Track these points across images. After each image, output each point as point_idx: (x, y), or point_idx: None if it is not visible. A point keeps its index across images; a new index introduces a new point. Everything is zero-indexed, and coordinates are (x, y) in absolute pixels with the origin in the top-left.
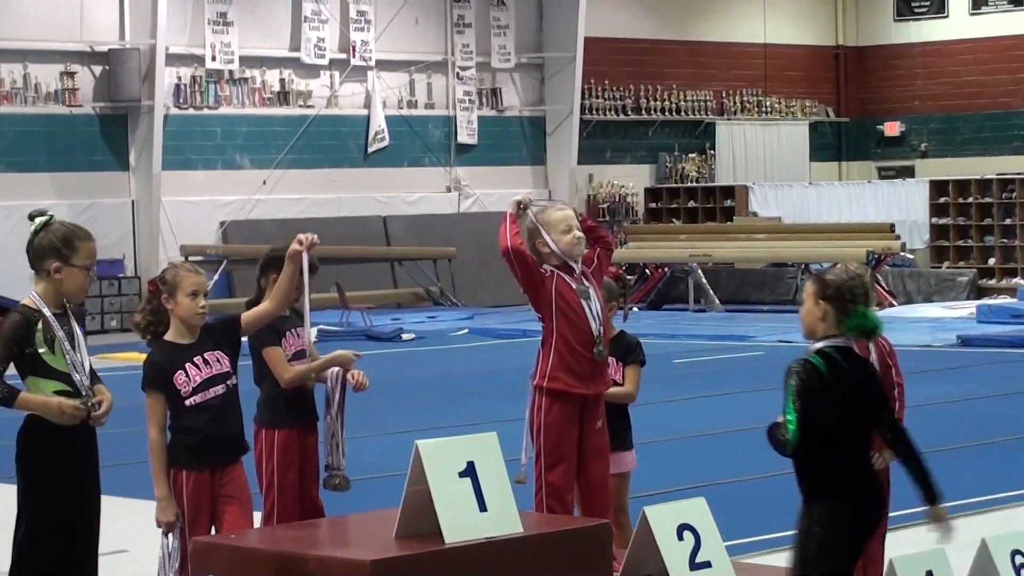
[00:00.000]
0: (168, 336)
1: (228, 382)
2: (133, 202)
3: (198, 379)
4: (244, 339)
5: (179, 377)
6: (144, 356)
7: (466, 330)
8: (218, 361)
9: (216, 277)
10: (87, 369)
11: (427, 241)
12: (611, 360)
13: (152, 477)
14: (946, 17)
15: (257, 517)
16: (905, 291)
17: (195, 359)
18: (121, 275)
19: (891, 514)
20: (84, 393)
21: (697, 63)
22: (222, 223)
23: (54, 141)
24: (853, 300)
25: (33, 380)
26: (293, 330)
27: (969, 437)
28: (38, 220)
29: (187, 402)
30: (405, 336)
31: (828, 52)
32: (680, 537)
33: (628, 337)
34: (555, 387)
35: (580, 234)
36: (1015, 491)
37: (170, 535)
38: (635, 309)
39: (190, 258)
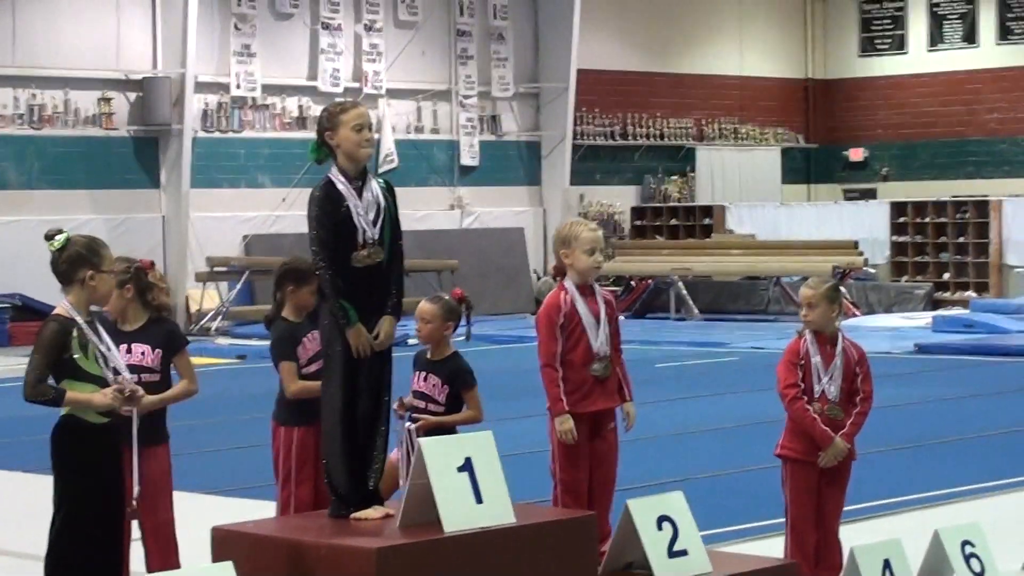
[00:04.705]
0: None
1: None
2: (163, 217)
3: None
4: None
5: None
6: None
7: (466, 336)
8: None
9: (239, 286)
10: (123, 367)
11: (431, 254)
12: (436, 381)
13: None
14: (906, 53)
15: (273, 508)
16: (867, 302)
17: (308, 335)
18: None
19: (848, 508)
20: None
21: (679, 93)
22: (245, 237)
23: (91, 161)
24: None
25: (69, 384)
26: (310, 335)
27: (925, 436)
28: (59, 238)
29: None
30: (411, 341)
31: (798, 84)
32: (660, 528)
33: (457, 361)
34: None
35: (601, 259)
36: (965, 486)
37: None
38: (622, 318)
39: (215, 268)
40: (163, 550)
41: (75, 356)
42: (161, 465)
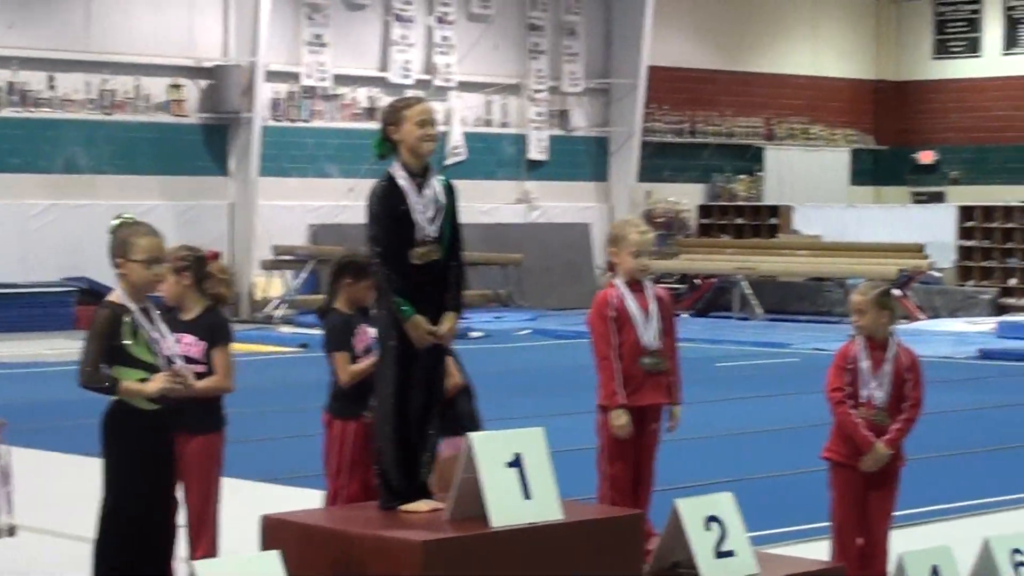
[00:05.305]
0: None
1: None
2: (231, 205)
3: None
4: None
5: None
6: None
7: (529, 330)
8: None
9: (305, 275)
10: (176, 355)
11: (497, 247)
12: None
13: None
14: (980, 56)
15: (321, 498)
16: (932, 306)
17: (360, 327)
18: None
19: (897, 513)
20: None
21: (749, 92)
22: (311, 226)
23: (161, 147)
24: None
25: (118, 370)
26: (361, 327)
27: (981, 442)
28: (112, 223)
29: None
30: (473, 334)
31: (869, 85)
32: (707, 528)
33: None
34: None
35: (647, 261)
36: (1018, 494)
37: None
38: (685, 316)
39: (280, 257)
40: (194, 535)
41: (126, 343)
42: (197, 452)
